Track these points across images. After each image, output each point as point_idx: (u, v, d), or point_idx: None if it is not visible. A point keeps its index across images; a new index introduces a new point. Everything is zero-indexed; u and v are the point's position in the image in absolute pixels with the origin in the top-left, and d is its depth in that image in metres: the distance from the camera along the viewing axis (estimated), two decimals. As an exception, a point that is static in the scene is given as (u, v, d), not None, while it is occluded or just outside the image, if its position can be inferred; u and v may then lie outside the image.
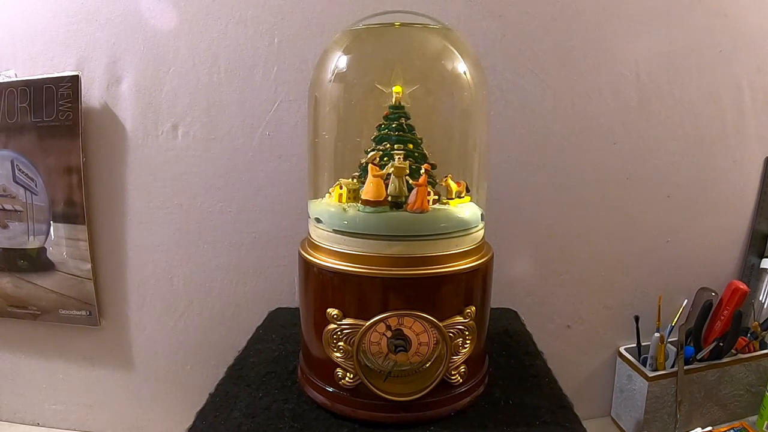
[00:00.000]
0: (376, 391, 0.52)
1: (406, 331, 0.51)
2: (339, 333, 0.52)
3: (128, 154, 0.85)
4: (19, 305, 0.89)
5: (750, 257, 0.95)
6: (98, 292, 0.88)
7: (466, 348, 0.54)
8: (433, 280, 0.51)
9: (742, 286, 0.85)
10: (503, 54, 0.83)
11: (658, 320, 0.88)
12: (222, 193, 0.86)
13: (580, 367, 0.96)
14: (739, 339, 0.86)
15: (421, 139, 0.57)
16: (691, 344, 0.86)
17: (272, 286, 0.89)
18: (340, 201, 0.56)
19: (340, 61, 0.61)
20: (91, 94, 0.83)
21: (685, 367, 0.85)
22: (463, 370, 0.55)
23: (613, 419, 0.97)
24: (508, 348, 0.71)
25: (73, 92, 0.81)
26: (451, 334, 0.52)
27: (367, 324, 0.51)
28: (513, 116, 0.85)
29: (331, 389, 0.55)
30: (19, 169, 0.84)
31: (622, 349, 0.93)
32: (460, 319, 0.53)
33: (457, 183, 0.58)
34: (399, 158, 0.54)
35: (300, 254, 0.57)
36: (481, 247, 0.57)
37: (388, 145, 0.56)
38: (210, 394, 0.60)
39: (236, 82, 0.82)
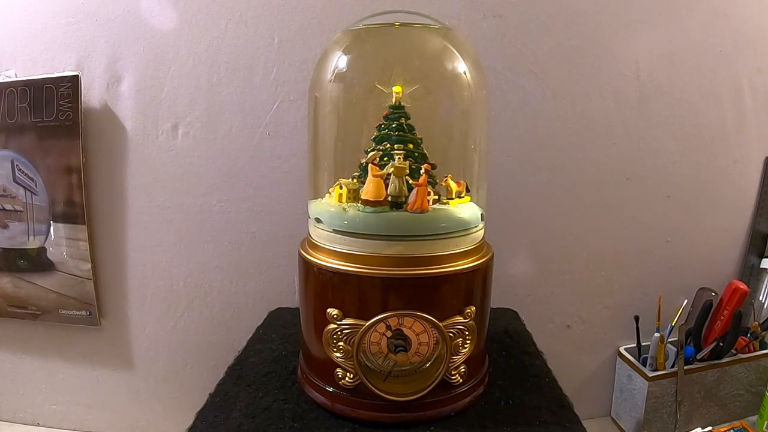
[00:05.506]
0: (376, 391, 0.52)
1: (406, 331, 0.51)
2: (339, 333, 0.52)
3: (128, 154, 0.85)
4: (19, 305, 0.89)
5: (750, 257, 0.95)
6: (98, 292, 0.88)
7: (466, 348, 0.54)
8: (433, 280, 0.51)
9: (742, 286, 0.85)
10: (503, 54, 0.83)
11: (658, 320, 0.88)
12: (222, 193, 0.86)
13: (580, 367, 0.96)
14: (739, 339, 0.86)
15: (421, 139, 0.57)
16: (691, 344, 0.86)
17: (272, 286, 0.89)
18: (340, 201, 0.56)
19: (340, 61, 0.61)
20: (91, 94, 0.83)
21: (685, 367, 0.85)
22: (463, 370, 0.55)
23: (613, 419, 0.97)
24: (508, 348, 0.71)
25: (73, 92, 0.80)
26: (451, 334, 0.52)
27: (367, 324, 0.51)
28: (513, 116, 0.85)
29: (331, 389, 0.55)
30: (19, 169, 0.84)
31: (622, 349, 0.93)
32: (460, 319, 0.53)
33: (457, 183, 0.58)
34: (399, 158, 0.54)
35: (300, 254, 0.57)
36: (481, 247, 0.57)
37: (388, 145, 0.56)
38: (210, 394, 0.60)
39: (236, 82, 0.82)
